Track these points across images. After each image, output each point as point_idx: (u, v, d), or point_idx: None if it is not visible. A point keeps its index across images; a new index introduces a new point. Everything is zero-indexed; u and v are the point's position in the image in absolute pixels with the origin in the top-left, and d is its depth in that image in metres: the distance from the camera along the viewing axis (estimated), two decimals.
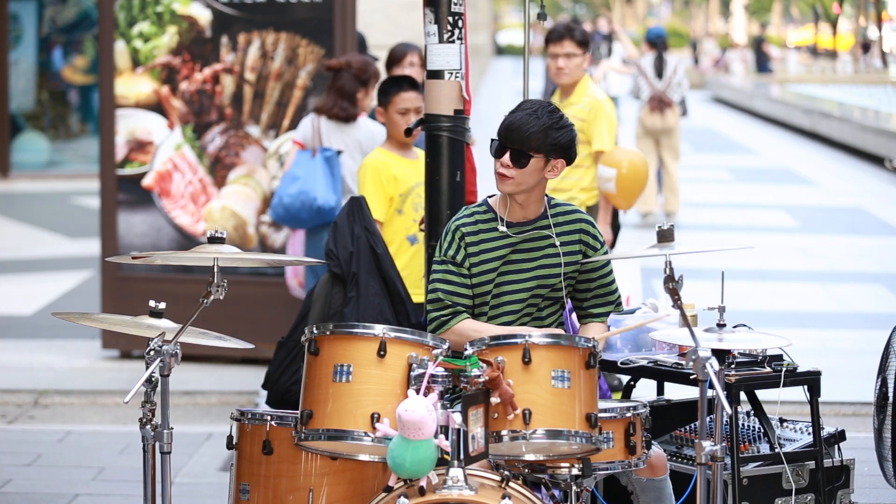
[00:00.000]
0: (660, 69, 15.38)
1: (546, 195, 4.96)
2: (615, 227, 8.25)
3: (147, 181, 9.34)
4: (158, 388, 4.37)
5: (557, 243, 4.89)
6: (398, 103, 6.88)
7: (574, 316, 5.21)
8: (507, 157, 4.76)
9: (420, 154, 7.00)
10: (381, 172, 6.81)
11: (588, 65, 8.21)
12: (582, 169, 7.92)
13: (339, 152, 7.77)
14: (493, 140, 4.82)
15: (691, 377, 4.59)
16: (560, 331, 4.87)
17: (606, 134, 7.93)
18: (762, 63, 43.07)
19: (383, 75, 8.03)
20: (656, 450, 4.89)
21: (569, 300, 5.06)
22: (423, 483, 4.10)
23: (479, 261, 4.87)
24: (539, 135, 4.75)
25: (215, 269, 4.39)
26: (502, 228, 4.88)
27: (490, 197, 4.99)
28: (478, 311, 4.92)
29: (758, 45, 44.34)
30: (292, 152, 7.99)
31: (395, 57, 8.39)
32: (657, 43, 15.56)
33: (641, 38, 19.66)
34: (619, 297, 5.08)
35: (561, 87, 8.19)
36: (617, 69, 18.18)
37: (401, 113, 6.87)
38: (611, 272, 5.03)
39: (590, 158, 7.93)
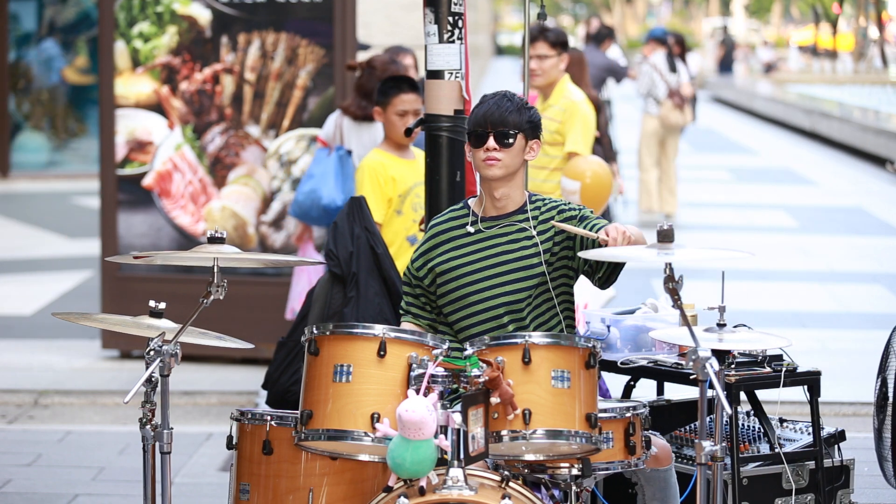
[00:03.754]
0: (672, 65, 15.35)
1: (529, 192, 4.96)
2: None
3: (147, 181, 9.34)
4: (158, 388, 4.38)
5: (535, 233, 4.86)
6: (397, 104, 6.86)
7: (587, 310, 5.19)
8: (492, 142, 4.79)
9: (418, 154, 6.99)
10: (379, 174, 6.79)
11: (563, 65, 8.07)
12: (559, 172, 7.74)
13: (349, 151, 7.75)
14: (469, 134, 4.84)
15: (691, 377, 4.59)
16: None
17: (581, 136, 7.71)
18: (727, 63, 43.05)
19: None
20: (660, 441, 4.89)
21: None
22: (423, 483, 4.10)
23: (445, 267, 4.86)
24: (515, 114, 4.81)
25: (215, 269, 4.39)
26: (470, 228, 4.88)
27: (471, 198, 5.00)
28: (452, 318, 4.89)
29: (730, 47, 44.16)
30: (313, 150, 8.03)
31: None
32: (664, 40, 15.54)
33: (643, 40, 19.56)
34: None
35: (539, 90, 8.06)
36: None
37: (399, 114, 6.85)
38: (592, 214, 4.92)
39: (565, 161, 7.70)
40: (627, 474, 5.02)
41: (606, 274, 4.83)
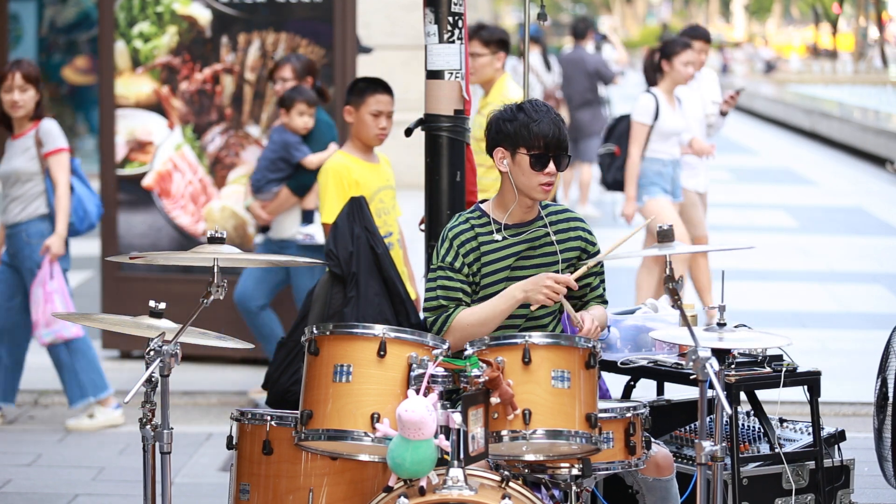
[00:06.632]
0: (548, 64, 15.47)
1: None
2: None
3: (147, 181, 9.34)
4: (158, 388, 4.38)
5: (555, 241, 4.88)
6: (372, 104, 6.75)
7: (567, 318, 5.19)
8: (552, 167, 4.74)
9: (382, 158, 6.96)
10: (343, 177, 6.72)
11: (501, 64, 8.06)
12: (495, 169, 7.71)
13: None
14: (531, 155, 4.72)
15: (691, 377, 4.59)
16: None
17: None
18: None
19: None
20: (662, 450, 4.89)
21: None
22: (423, 483, 4.10)
23: (480, 267, 4.84)
24: (565, 133, 4.79)
25: (215, 269, 4.39)
26: (498, 238, 4.86)
27: (482, 202, 4.97)
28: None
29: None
30: None
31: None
32: (537, 38, 15.68)
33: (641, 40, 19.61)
34: None
35: (482, 86, 8.09)
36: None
37: (373, 115, 6.74)
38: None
39: None
40: (629, 482, 5.01)
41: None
